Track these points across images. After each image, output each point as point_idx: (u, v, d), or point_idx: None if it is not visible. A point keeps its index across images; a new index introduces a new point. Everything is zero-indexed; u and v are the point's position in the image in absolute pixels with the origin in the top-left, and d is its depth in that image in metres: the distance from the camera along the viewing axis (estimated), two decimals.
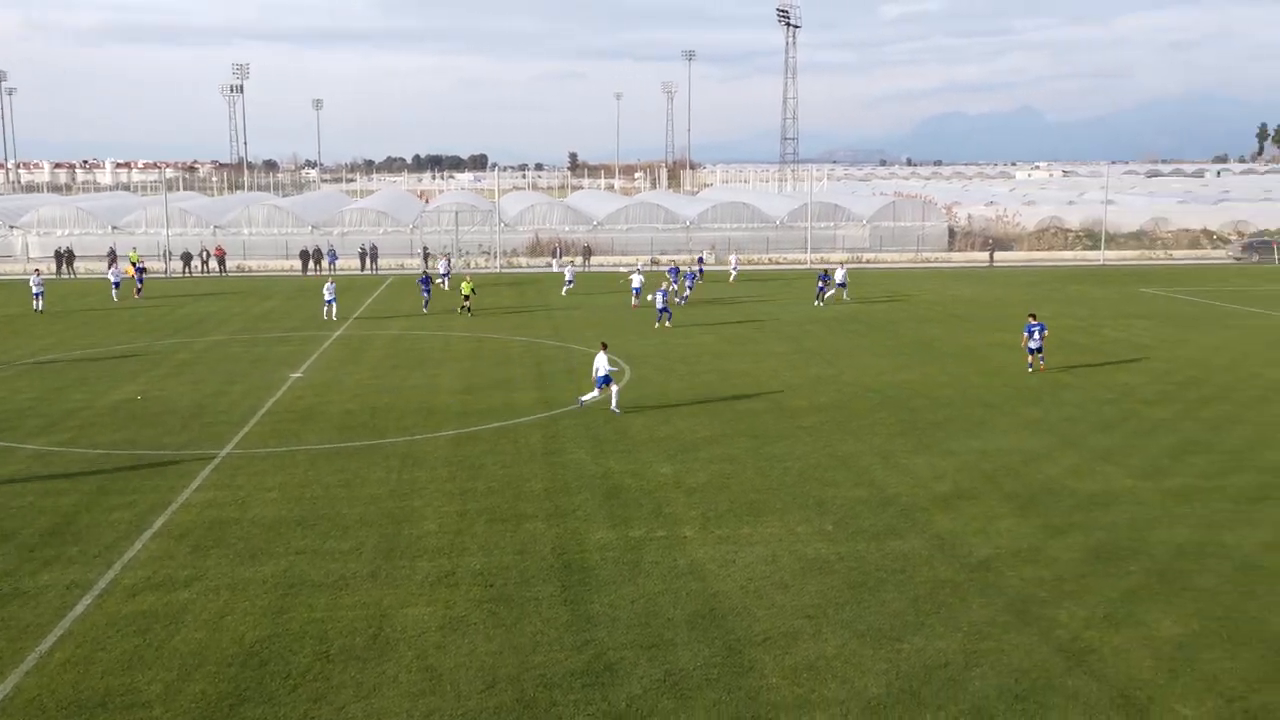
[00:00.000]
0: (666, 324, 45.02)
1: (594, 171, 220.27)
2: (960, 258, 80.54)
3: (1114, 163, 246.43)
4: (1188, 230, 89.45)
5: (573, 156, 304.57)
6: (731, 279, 63.97)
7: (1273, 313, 49.15)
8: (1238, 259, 78.80)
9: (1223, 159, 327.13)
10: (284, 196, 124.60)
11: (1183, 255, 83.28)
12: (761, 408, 29.62)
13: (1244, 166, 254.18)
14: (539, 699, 13.64)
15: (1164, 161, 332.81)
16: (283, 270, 73.85)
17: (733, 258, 68.11)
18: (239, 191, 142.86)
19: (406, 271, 71.44)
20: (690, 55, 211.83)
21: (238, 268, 73.86)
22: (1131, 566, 17.93)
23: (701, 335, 42.87)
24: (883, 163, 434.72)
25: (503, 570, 17.85)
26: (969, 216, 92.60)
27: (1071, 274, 69.59)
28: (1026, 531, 19.63)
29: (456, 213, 79.95)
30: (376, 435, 26.76)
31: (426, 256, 72.57)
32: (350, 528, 19.92)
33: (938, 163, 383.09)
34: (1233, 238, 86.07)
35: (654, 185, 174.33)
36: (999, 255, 78.89)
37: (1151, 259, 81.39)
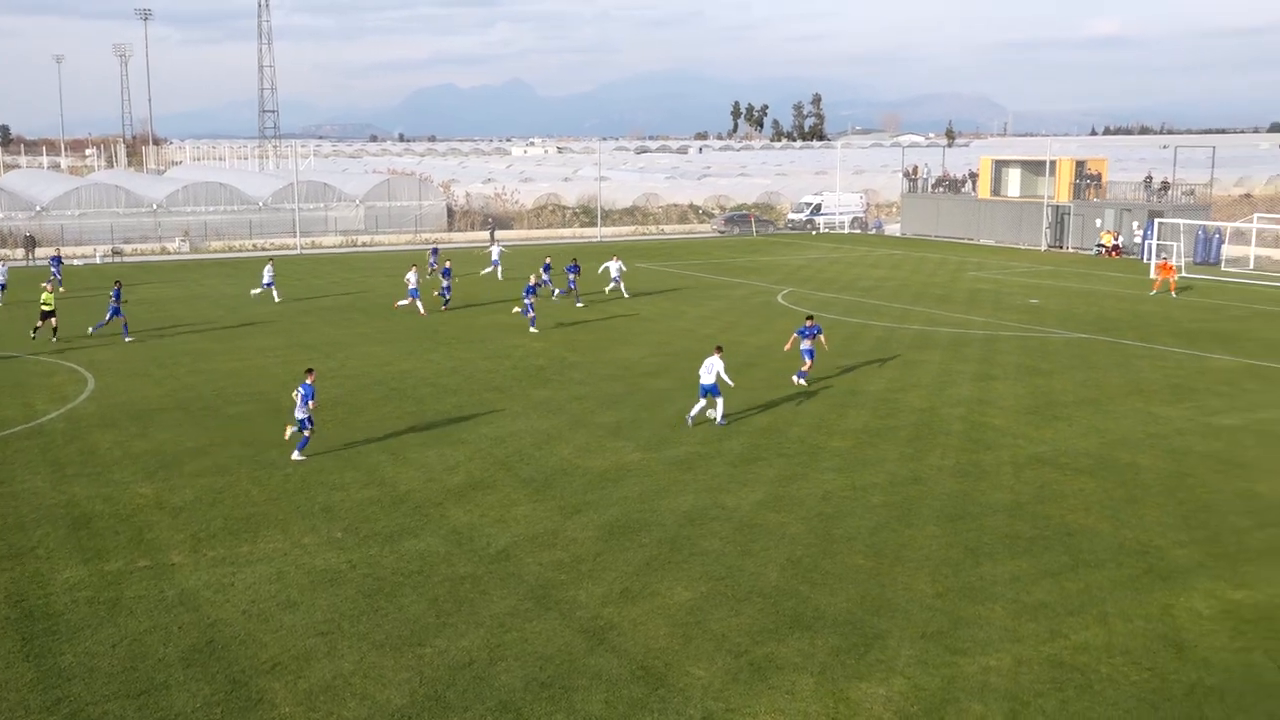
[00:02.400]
0: (532, 329, 40.19)
1: (33, 148, 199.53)
2: (461, 238, 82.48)
3: (605, 139, 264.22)
4: (676, 205, 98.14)
5: (4, 130, 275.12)
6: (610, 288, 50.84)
7: (752, 283, 55.25)
8: (721, 232, 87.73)
9: (704, 136, 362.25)
10: None
11: (673, 229, 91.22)
12: (254, 411, 28.54)
13: (722, 143, 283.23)
14: None
15: (651, 138, 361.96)
16: None
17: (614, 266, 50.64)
18: None
19: None
20: (146, 14, 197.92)
21: None
22: (644, 538, 19.43)
23: (180, 334, 40.43)
24: (374, 138, 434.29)
25: None
26: (468, 195, 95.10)
27: (571, 251, 73.73)
28: (543, 515, 20.61)
29: None
30: None
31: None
32: None
33: (432, 138, 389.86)
34: (716, 212, 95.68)
35: (111, 163, 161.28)
36: (500, 234, 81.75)
37: (645, 234, 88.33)
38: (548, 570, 18.04)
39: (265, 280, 49.08)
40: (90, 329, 39.81)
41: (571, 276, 47.79)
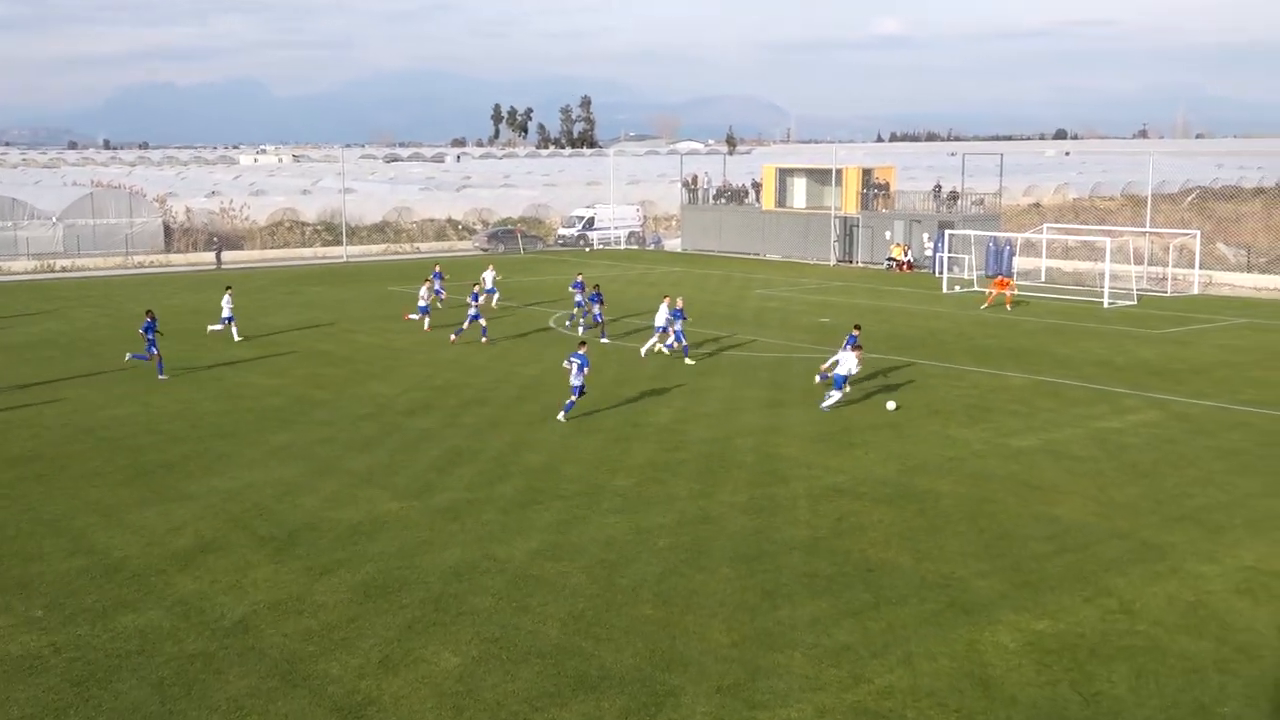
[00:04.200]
0: (679, 352, 40.65)
1: None
2: (182, 260, 79.70)
3: (350, 145, 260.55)
4: (433, 220, 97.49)
5: None
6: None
7: (525, 307, 55.35)
8: (484, 249, 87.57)
9: (461, 142, 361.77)
10: None
11: (429, 247, 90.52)
12: None
13: (482, 151, 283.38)
14: None
15: (402, 144, 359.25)
16: None
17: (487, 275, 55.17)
18: None
19: None
20: None
21: None
22: (405, 599, 19.11)
23: None
24: (73, 144, 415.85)
25: None
26: (189, 210, 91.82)
27: (312, 273, 72.23)
28: (287, 579, 20.01)
29: None
30: None
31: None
32: None
33: (144, 144, 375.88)
34: (478, 227, 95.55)
35: None
36: (228, 255, 79.35)
37: (399, 253, 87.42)
38: (294, 641, 17.51)
39: (225, 315, 44.94)
40: (160, 376, 36.95)
41: (597, 308, 46.52)
